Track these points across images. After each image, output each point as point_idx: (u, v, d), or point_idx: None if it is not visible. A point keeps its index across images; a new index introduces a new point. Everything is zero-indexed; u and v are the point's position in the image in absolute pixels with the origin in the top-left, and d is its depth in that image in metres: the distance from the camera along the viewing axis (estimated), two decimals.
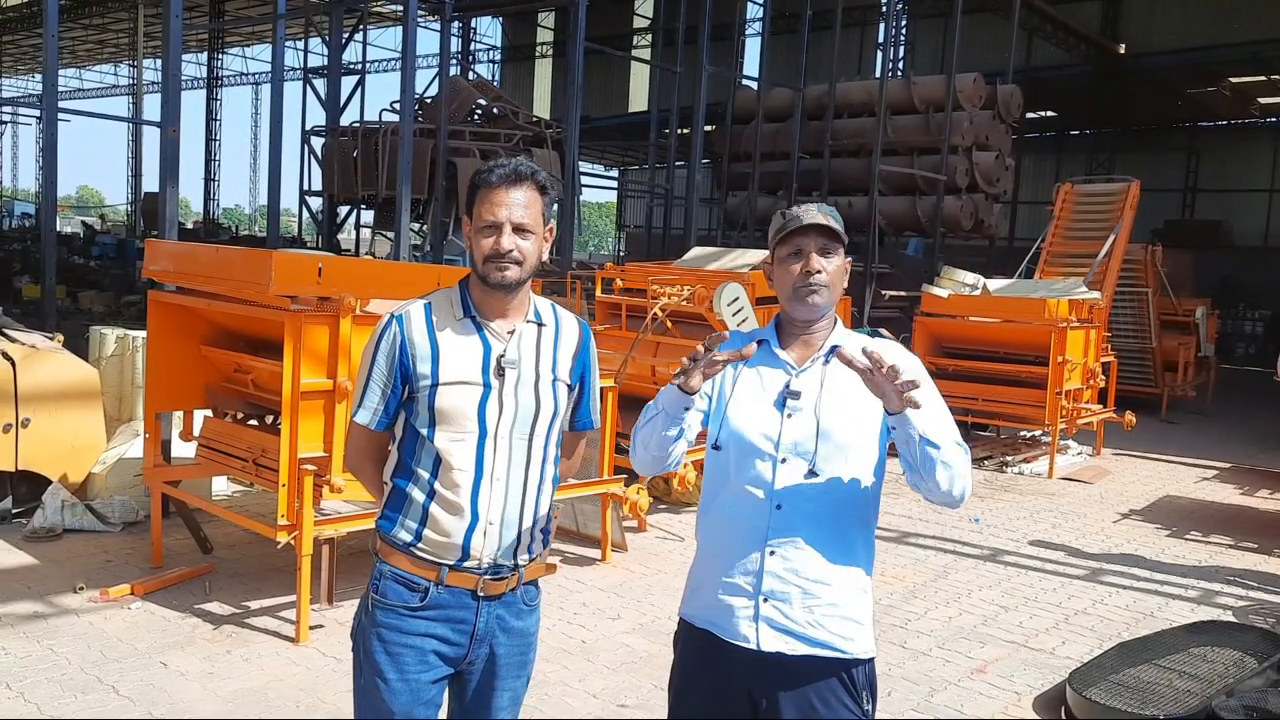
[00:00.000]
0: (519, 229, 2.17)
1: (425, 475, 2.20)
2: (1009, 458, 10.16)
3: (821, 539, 2.12)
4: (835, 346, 2.17)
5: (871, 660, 2.19)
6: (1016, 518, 7.92)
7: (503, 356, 2.22)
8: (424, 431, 2.20)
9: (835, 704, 2.13)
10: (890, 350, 2.21)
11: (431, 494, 2.20)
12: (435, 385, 2.18)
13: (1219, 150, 27.30)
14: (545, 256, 2.27)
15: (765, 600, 2.11)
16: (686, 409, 2.08)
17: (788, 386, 2.16)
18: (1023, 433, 11.27)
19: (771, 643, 2.11)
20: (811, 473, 2.11)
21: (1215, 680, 4.35)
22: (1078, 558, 6.83)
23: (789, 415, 2.14)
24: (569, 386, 2.32)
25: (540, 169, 2.23)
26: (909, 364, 2.19)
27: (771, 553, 2.11)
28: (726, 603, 2.15)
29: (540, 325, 2.29)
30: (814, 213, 2.16)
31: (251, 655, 4.42)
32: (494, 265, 2.17)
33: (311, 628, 4.64)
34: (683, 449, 2.17)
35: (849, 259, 2.22)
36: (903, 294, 14.60)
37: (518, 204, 2.17)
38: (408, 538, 2.21)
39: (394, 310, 2.25)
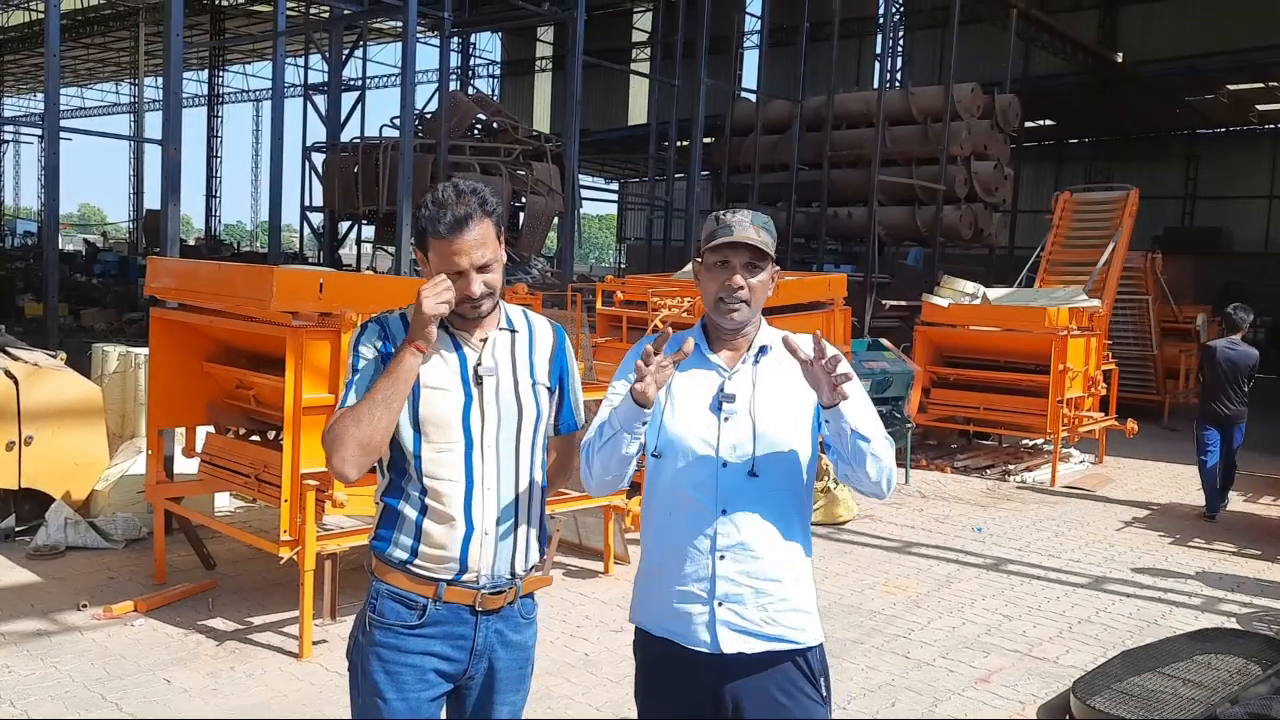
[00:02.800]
0: (481, 268, 2.17)
1: (415, 492, 2.20)
2: (1011, 466, 10.15)
3: (767, 537, 2.17)
4: (764, 346, 2.22)
5: (821, 646, 2.24)
6: (1019, 526, 7.91)
7: (479, 365, 2.23)
8: (410, 447, 2.20)
9: (796, 693, 2.17)
10: (817, 342, 2.26)
11: (424, 510, 2.19)
12: (418, 388, 2.18)
13: (1218, 157, 27.34)
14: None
15: (720, 604, 2.15)
16: (644, 422, 2.11)
17: (721, 389, 2.19)
18: (1024, 441, 11.26)
19: (731, 644, 2.14)
20: (752, 474, 2.15)
21: (1219, 688, 4.35)
22: (1081, 566, 6.83)
23: (726, 419, 2.17)
24: (549, 389, 2.33)
25: (478, 187, 2.19)
26: (839, 354, 2.25)
27: (722, 557, 2.15)
28: (683, 610, 2.18)
29: (513, 331, 2.30)
30: (745, 225, 2.16)
31: (255, 671, 4.42)
32: (469, 305, 2.19)
33: (315, 643, 4.64)
34: (634, 466, 2.20)
35: (776, 269, 2.24)
36: (903, 303, 14.62)
37: (473, 246, 2.15)
38: (403, 555, 2.20)
39: (371, 316, 2.28)
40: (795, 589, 2.19)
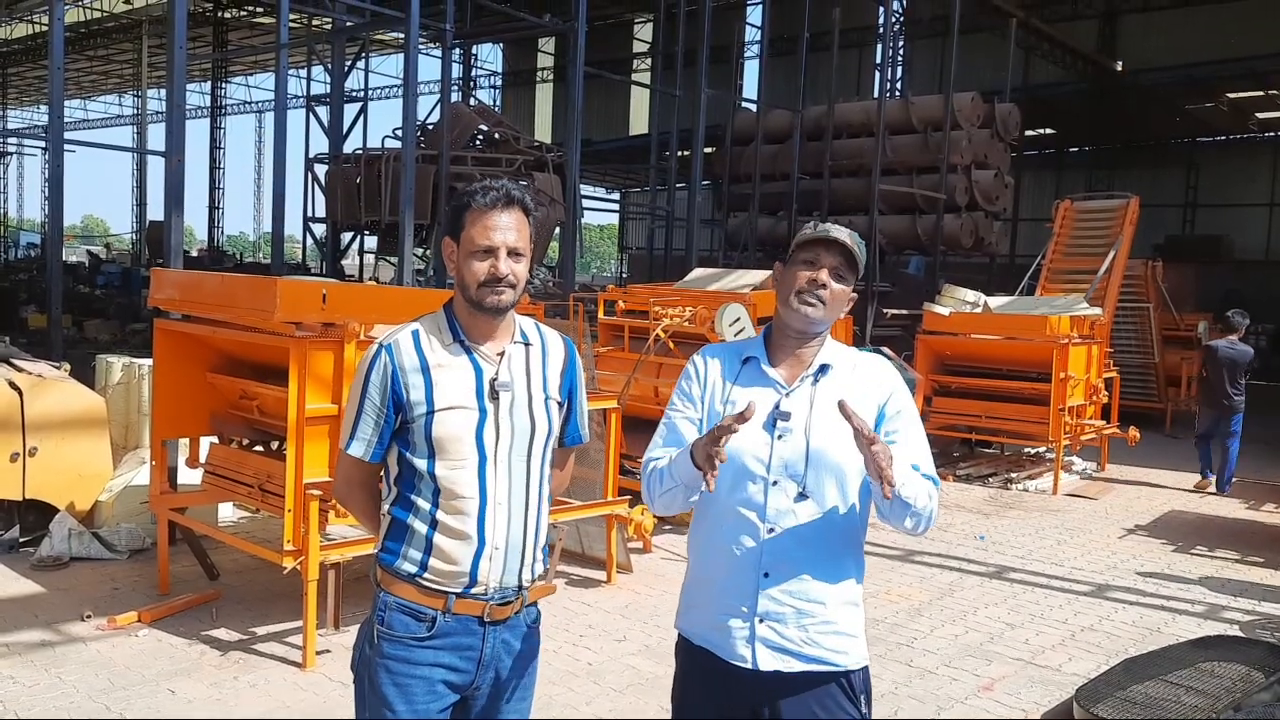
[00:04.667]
0: (512, 252, 2.18)
1: (426, 506, 2.19)
2: (1013, 474, 10.15)
3: (814, 559, 2.15)
4: (825, 365, 2.21)
5: (865, 668, 2.23)
6: (1021, 534, 7.92)
7: (495, 380, 2.21)
8: (421, 463, 2.19)
9: (834, 707, 2.17)
10: (878, 370, 2.26)
11: (434, 524, 2.18)
12: (431, 413, 2.17)
13: (1218, 165, 27.37)
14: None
15: (761, 621, 2.14)
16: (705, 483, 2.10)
17: (778, 407, 2.17)
18: (1026, 449, 11.26)
19: (769, 662, 2.14)
20: (802, 495, 2.14)
21: (1222, 695, 4.35)
22: (1083, 574, 6.82)
23: (779, 437, 2.15)
24: (559, 403, 2.33)
25: (524, 190, 2.24)
26: (896, 385, 2.23)
27: (766, 575, 2.14)
28: (723, 623, 2.18)
29: (527, 345, 2.29)
30: (843, 232, 2.19)
31: (258, 681, 4.43)
32: (490, 290, 2.17)
33: (318, 653, 4.65)
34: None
35: (855, 296, 2.24)
36: (904, 312, 14.61)
37: (510, 227, 2.18)
38: (412, 569, 2.19)
39: (382, 339, 2.24)
40: (840, 612, 2.17)
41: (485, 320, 2.23)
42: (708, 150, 18.85)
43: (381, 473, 2.30)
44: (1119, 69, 23.54)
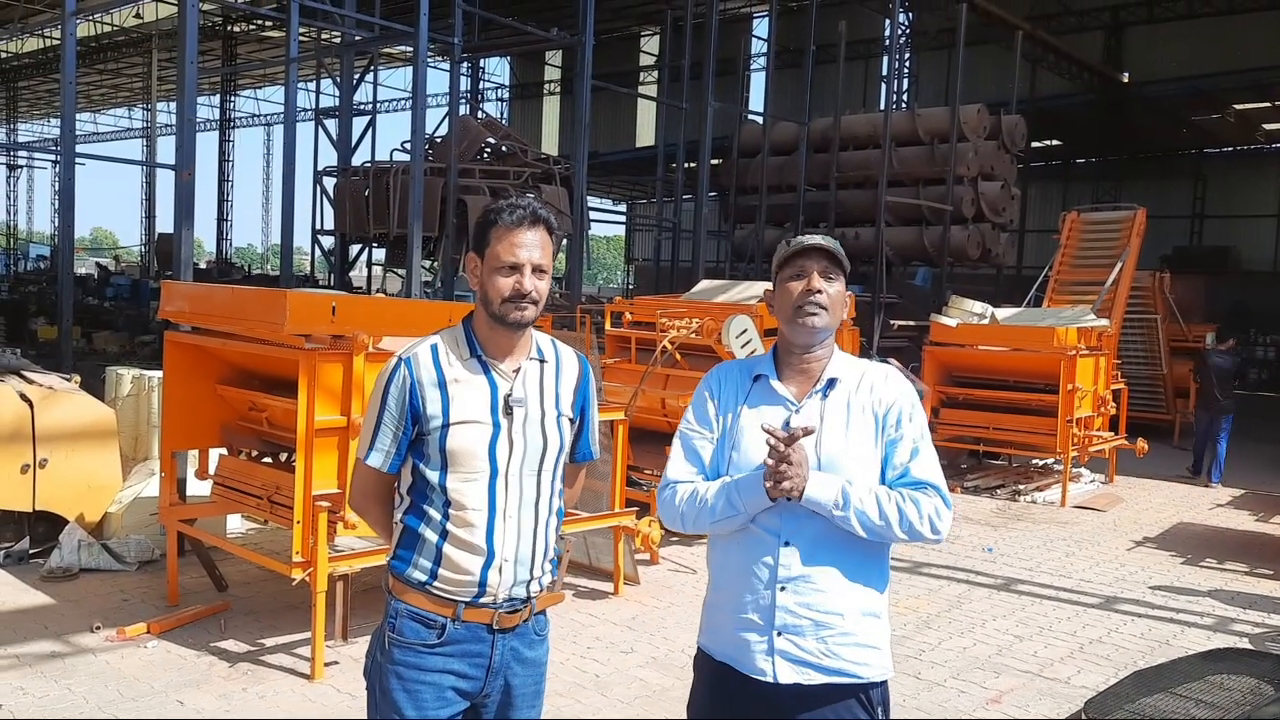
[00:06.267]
0: (536, 269, 2.23)
1: (437, 516, 2.23)
2: (1021, 486, 10.13)
3: (829, 571, 2.17)
4: (833, 380, 2.22)
5: (886, 681, 2.24)
6: (1030, 546, 7.89)
7: (510, 396, 2.25)
8: (434, 475, 2.23)
9: (850, 718, 2.18)
10: (883, 378, 2.27)
11: (445, 534, 2.22)
12: (446, 426, 2.21)
13: (1225, 176, 27.35)
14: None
15: (779, 634, 2.15)
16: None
17: (787, 425, 2.19)
18: (1034, 461, 11.24)
19: (788, 675, 2.15)
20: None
21: (1232, 708, 4.32)
22: (1092, 586, 6.80)
23: None
24: (571, 420, 2.37)
25: (549, 209, 2.29)
26: (899, 393, 2.24)
27: (782, 588, 2.15)
28: (741, 638, 2.18)
29: (543, 362, 2.33)
30: (817, 237, 2.23)
31: (267, 693, 4.44)
32: (513, 305, 2.21)
33: (326, 664, 4.65)
34: None
35: (850, 292, 2.26)
36: (911, 323, 14.62)
37: (535, 245, 2.23)
38: (423, 577, 2.23)
39: (401, 353, 2.29)
40: (859, 624, 2.19)
41: (505, 335, 2.26)
42: (714, 162, 18.89)
43: (396, 482, 2.34)
44: (1125, 80, 23.55)
